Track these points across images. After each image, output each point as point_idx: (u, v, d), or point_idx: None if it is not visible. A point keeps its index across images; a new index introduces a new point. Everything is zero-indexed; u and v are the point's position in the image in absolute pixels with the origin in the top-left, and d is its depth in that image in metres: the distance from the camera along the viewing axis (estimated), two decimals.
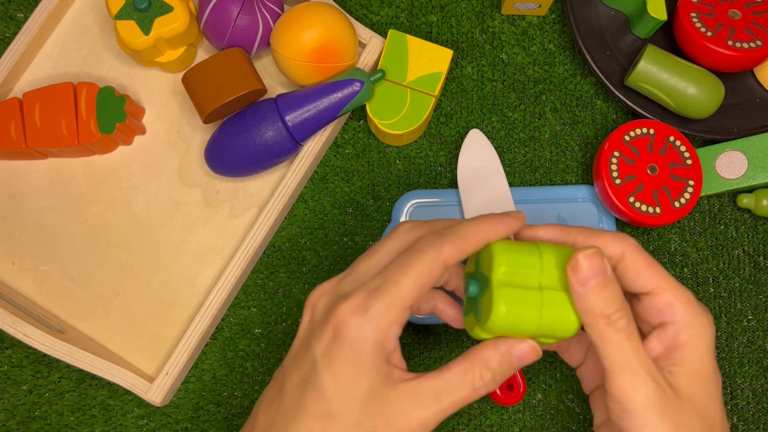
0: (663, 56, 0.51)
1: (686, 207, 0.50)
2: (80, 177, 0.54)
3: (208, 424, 0.52)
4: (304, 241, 0.54)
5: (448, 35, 0.57)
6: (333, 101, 0.49)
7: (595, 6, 0.55)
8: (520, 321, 0.35)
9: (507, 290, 0.35)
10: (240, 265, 0.51)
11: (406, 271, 0.36)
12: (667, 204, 0.50)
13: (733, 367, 0.53)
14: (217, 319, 0.52)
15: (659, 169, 0.50)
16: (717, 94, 0.51)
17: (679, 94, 0.51)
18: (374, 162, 0.55)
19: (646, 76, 0.51)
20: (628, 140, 0.51)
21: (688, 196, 0.50)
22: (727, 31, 0.51)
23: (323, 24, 0.49)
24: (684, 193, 0.50)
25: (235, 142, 0.50)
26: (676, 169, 0.51)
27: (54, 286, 0.53)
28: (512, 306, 0.35)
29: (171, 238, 0.54)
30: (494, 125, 0.56)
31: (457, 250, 0.36)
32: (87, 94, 0.52)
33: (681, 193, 0.50)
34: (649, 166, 0.51)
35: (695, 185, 0.50)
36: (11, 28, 0.57)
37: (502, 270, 0.35)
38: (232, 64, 0.50)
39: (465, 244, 0.37)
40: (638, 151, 0.51)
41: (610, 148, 0.51)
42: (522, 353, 0.37)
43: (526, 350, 0.37)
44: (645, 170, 0.50)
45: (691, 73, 0.51)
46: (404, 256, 0.37)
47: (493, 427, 0.52)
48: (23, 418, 0.52)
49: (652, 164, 0.51)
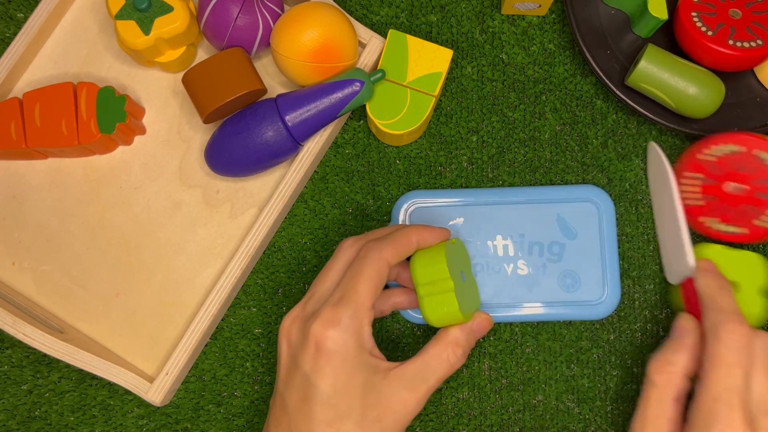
0: (664, 56, 0.51)
1: None
2: (80, 177, 0.54)
3: (208, 424, 0.52)
4: (304, 241, 0.54)
5: (448, 35, 0.57)
6: (333, 101, 0.49)
7: (596, 5, 0.55)
8: (448, 317, 0.43)
9: (428, 299, 0.43)
10: (240, 265, 0.51)
11: (359, 278, 0.41)
12: None
13: None
14: (217, 319, 0.52)
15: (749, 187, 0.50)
16: (718, 93, 0.51)
17: (680, 93, 0.51)
18: (374, 162, 0.55)
19: (646, 75, 0.51)
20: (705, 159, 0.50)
21: None
22: (727, 30, 0.51)
23: (323, 24, 0.49)
24: None
25: (235, 142, 0.50)
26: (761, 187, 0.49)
27: (54, 286, 0.53)
28: (433, 311, 0.43)
29: (171, 238, 0.54)
30: (494, 125, 0.56)
31: (395, 252, 0.43)
32: (87, 94, 0.52)
33: None
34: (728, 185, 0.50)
35: None
36: (11, 28, 0.57)
37: (420, 286, 0.43)
38: (232, 64, 0.50)
39: (401, 246, 0.43)
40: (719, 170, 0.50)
41: (689, 169, 0.50)
42: (481, 326, 0.45)
43: (481, 323, 0.45)
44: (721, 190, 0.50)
45: (692, 73, 0.51)
46: (354, 266, 0.42)
47: (493, 427, 0.52)
48: (23, 418, 0.52)
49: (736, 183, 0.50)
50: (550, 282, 0.52)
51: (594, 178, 0.55)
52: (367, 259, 0.42)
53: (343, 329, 0.40)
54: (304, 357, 0.41)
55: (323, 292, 0.43)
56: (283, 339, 0.43)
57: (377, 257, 0.42)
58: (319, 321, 0.40)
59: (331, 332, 0.40)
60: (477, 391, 0.52)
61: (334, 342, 0.40)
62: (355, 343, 0.40)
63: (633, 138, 0.55)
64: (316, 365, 0.40)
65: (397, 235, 0.44)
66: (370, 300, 0.41)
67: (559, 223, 0.53)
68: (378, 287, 0.42)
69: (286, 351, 0.43)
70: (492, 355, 0.53)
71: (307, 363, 0.40)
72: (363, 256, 0.43)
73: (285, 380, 0.42)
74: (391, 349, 0.53)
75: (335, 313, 0.40)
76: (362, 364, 0.40)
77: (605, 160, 0.55)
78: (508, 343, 0.53)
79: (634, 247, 0.54)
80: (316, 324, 0.40)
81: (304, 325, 0.41)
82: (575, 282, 0.52)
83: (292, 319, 0.43)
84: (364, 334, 0.41)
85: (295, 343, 0.42)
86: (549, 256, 0.52)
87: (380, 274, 0.42)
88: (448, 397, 0.52)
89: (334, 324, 0.40)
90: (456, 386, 0.52)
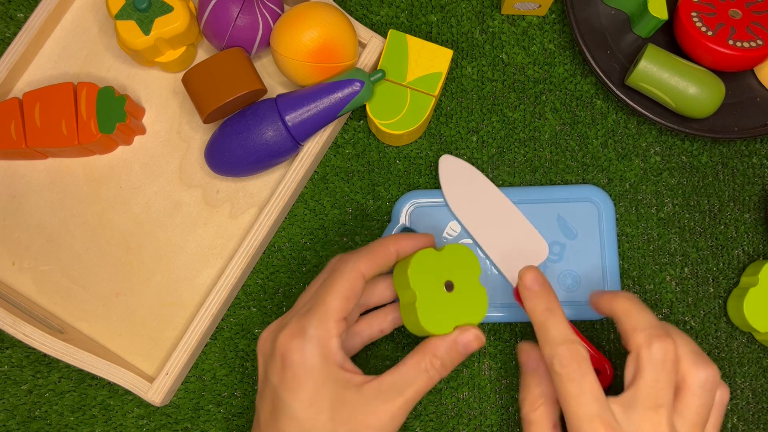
0: (664, 56, 0.51)
1: None
2: (80, 177, 0.54)
3: (208, 424, 0.52)
4: (304, 241, 0.54)
5: (448, 35, 0.57)
6: (333, 101, 0.49)
7: (596, 5, 0.55)
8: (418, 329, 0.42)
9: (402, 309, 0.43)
10: (240, 265, 0.51)
11: (329, 291, 0.41)
12: None
13: (733, 367, 0.53)
14: (217, 319, 0.52)
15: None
16: (718, 93, 0.51)
17: (680, 94, 0.51)
18: (374, 162, 0.55)
19: (646, 75, 0.51)
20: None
21: None
22: (727, 30, 0.51)
23: (323, 24, 0.49)
24: None
25: (235, 142, 0.50)
26: None
27: (54, 286, 0.53)
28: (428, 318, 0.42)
29: (171, 238, 0.54)
30: (494, 125, 0.56)
31: (371, 263, 0.42)
32: (87, 94, 0.52)
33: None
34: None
35: None
36: (11, 28, 0.57)
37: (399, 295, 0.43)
38: (232, 64, 0.50)
39: (377, 257, 0.42)
40: None
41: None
42: (466, 342, 0.42)
43: (470, 339, 0.42)
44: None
45: (692, 73, 0.51)
46: (327, 279, 0.42)
47: (493, 427, 0.52)
48: (23, 418, 0.52)
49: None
50: (550, 282, 0.52)
51: (594, 178, 0.55)
52: (338, 272, 0.42)
53: (307, 339, 0.39)
54: (273, 370, 0.40)
55: (299, 307, 0.43)
56: (259, 352, 0.43)
57: (351, 269, 0.41)
58: (284, 332, 0.40)
59: (295, 342, 0.39)
60: (477, 391, 0.52)
61: (298, 353, 0.39)
62: (320, 355, 0.39)
63: (633, 138, 0.55)
64: (283, 378, 0.39)
65: (374, 245, 0.43)
66: (339, 312, 0.40)
67: (559, 223, 0.53)
68: (350, 300, 0.41)
69: (261, 363, 0.43)
70: (492, 355, 0.53)
71: (275, 376, 0.40)
72: (336, 268, 0.42)
73: (259, 393, 0.42)
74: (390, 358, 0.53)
75: (301, 324, 0.40)
76: (331, 378, 0.39)
77: (605, 160, 0.55)
78: (508, 343, 0.53)
79: (634, 247, 0.54)
80: (282, 335, 0.40)
81: (275, 337, 0.41)
82: (575, 282, 0.52)
83: (268, 333, 0.43)
84: (332, 346, 0.40)
85: (266, 356, 0.42)
86: (549, 256, 0.52)
87: (353, 286, 0.41)
88: (448, 397, 0.52)
89: (299, 335, 0.39)
90: (456, 386, 0.52)
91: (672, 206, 0.55)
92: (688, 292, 0.54)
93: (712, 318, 0.54)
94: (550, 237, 0.53)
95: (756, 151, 0.56)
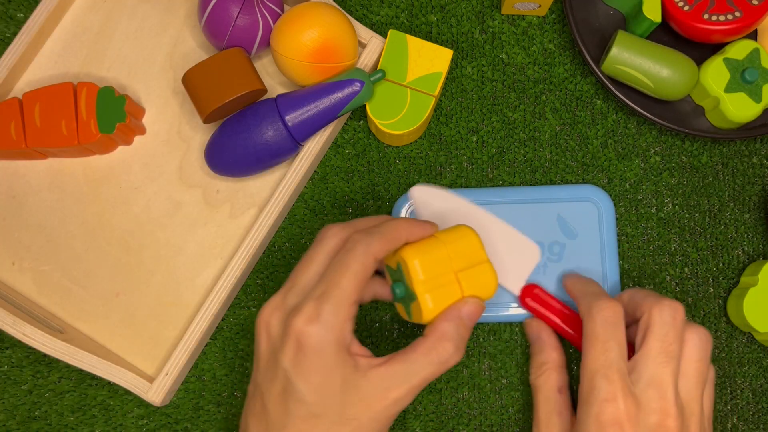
0: (634, 41, 0.51)
1: None
2: (80, 177, 0.54)
3: (208, 424, 0.52)
4: (304, 241, 0.54)
5: (448, 35, 0.57)
6: (333, 101, 0.49)
7: (595, 5, 0.55)
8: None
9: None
10: (240, 265, 0.51)
11: (344, 272, 0.40)
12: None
13: (733, 367, 0.53)
14: (217, 319, 0.52)
15: None
16: (690, 74, 0.51)
17: (655, 76, 0.51)
18: (374, 162, 0.55)
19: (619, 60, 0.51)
20: None
21: None
22: (705, 3, 0.51)
23: (323, 24, 0.49)
24: None
25: (235, 142, 0.50)
26: None
27: (54, 286, 0.53)
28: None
29: (171, 238, 0.54)
30: (494, 125, 0.56)
31: (384, 246, 0.41)
32: (87, 94, 0.52)
33: None
34: None
35: None
36: (11, 28, 0.57)
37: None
38: (232, 64, 0.50)
39: (390, 240, 0.41)
40: None
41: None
42: (470, 313, 0.42)
43: (473, 309, 0.42)
44: None
45: (664, 55, 0.51)
46: (339, 258, 0.41)
47: (493, 427, 0.52)
48: (23, 418, 0.52)
49: None
50: (551, 282, 0.52)
51: (594, 178, 0.55)
52: (353, 253, 0.40)
53: (323, 325, 0.39)
54: (284, 351, 0.39)
55: (305, 284, 0.41)
56: (263, 330, 0.42)
57: (365, 251, 0.40)
58: (300, 315, 0.39)
59: (312, 328, 0.39)
60: (477, 391, 0.52)
61: (315, 339, 0.39)
62: (335, 341, 0.39)
63: (633, 138, 0.55)
64: (296, 361, 0.39)
65: (387, 228, 0.42)
66: (354, 296, 0.40)
67: (559, 222, 0.53)
68: (363, 282, 0.40)
69: (265, 343, 0.41)
70: (492, 355, 0.53)
71: (287, 359, 0.39)
72: (350, 248, 0.41)
73: (264, 372, 0.41)
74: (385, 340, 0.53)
75: (317, 309, 0.39)
76: (342, 362, 0.39)
77: (605, 160, 0.55)
78: (508, 343, 0.53)
79: (634, 247, 0.54)
80: (297, 318, 0.39)
81: (285, 317, 0.40)
82: None
83: (271, 309, 0.41)
84: (346, 331, 0.40)
85: (274, 336, 0.41)
86: (549, 256, 0.52)
87: (366, 268, 0.40)
88: (448, 397, 0.52)
89: (315, 320, 0.39)
90: (456, 386, 0.52)
91: (672, 206, 0.55)
92: (688, 292, 0.54)
93: (712, 318, 0.54)
94: (550, 237, 0.53)
95: (756, 151, 0.56)
